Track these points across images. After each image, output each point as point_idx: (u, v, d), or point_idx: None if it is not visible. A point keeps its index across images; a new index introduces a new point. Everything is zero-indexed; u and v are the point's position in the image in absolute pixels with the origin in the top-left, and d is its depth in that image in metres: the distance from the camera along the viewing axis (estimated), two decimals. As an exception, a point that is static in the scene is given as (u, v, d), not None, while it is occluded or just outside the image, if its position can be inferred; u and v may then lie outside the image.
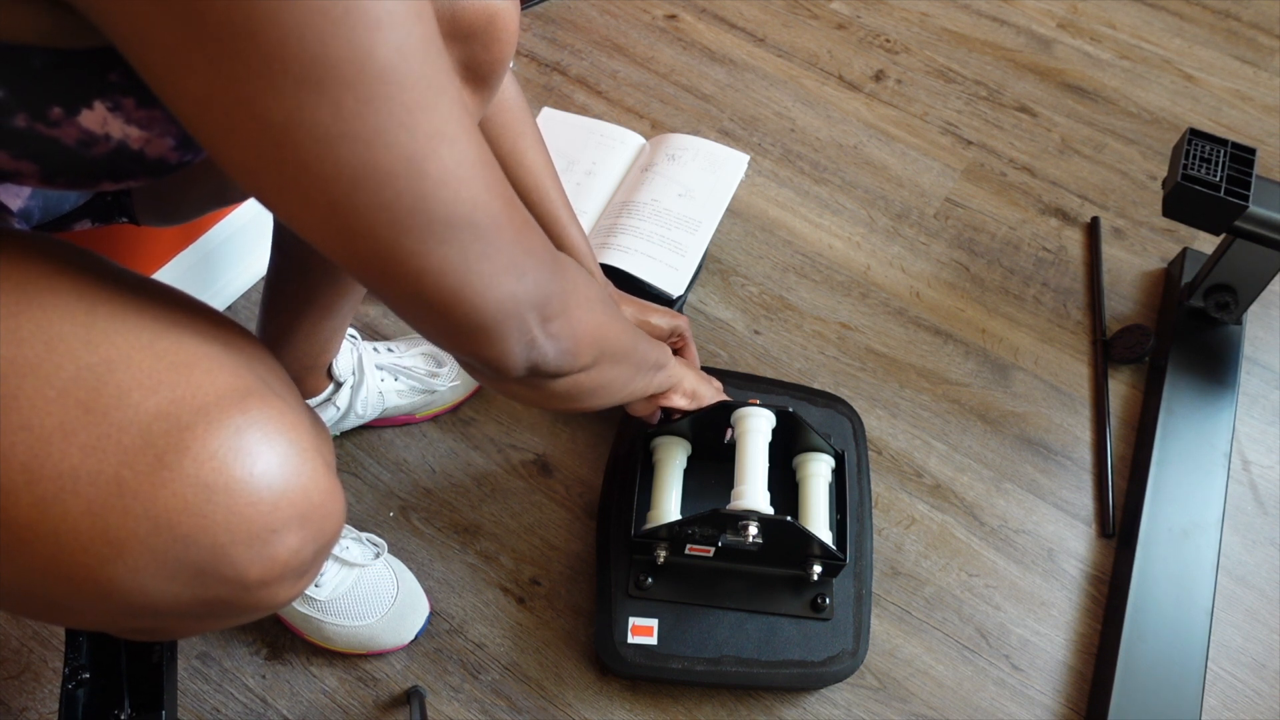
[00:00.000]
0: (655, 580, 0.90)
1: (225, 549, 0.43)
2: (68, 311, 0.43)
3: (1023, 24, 1.47)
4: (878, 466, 1.03)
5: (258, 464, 0.44)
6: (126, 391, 0.42)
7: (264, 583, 0.45)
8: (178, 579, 0.43)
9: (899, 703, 0.90)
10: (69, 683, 0.68)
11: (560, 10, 1.43)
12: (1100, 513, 1.02)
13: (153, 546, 0.42)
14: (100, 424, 0.41)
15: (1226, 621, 0.96)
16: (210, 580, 0.44)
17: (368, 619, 0.87)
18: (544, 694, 0.89)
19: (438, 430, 1.03)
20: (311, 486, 0.46)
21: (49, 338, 0.42)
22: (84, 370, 0.42)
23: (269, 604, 0.47)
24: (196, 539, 0.42)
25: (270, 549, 0.44)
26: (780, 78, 1.38)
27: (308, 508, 0.46)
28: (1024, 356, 1.13)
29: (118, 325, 0.44)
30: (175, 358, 0.44)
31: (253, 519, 0.43)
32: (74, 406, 0.41)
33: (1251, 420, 1.10)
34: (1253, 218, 0.98)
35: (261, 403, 0.45)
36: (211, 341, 0.47)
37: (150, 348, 0.44)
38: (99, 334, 0.43)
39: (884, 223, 1.23)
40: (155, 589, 0.43)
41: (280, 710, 0.87)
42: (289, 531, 0.45)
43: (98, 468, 0.41)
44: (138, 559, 0.42)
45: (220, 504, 0.42)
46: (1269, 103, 1.40)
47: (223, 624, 0.49)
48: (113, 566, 0.41)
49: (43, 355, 0.41)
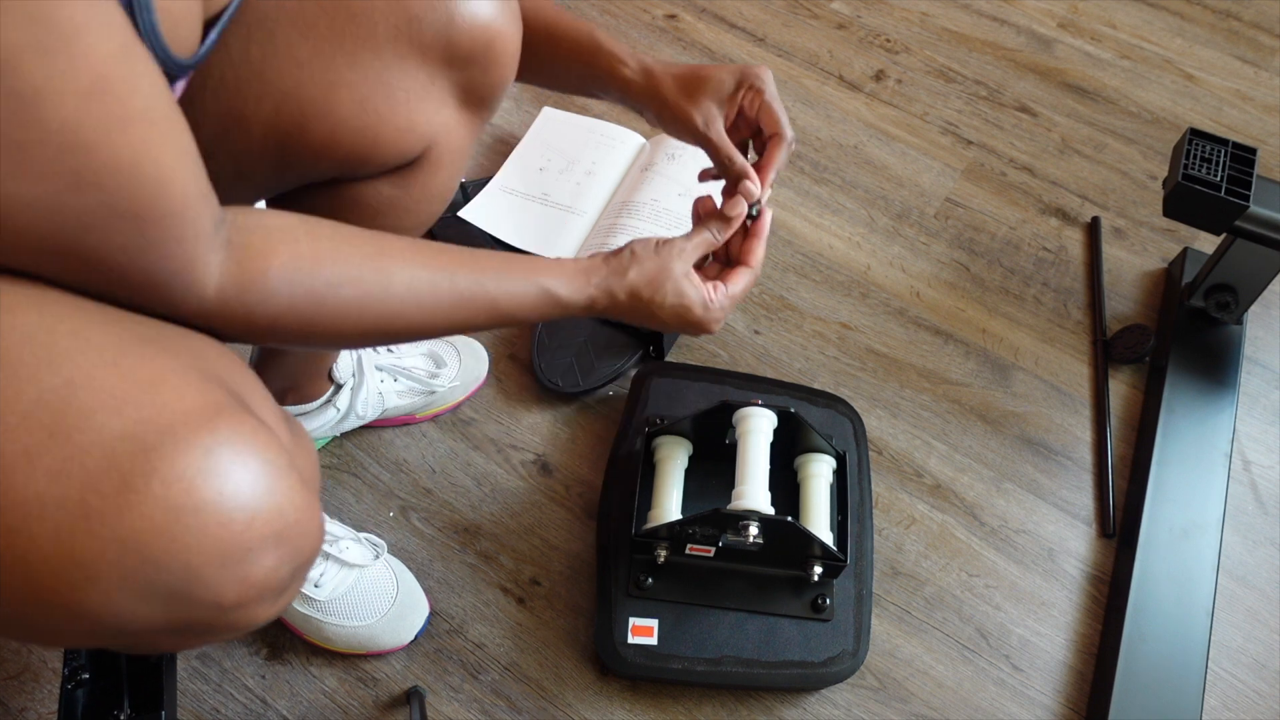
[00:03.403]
0: (655, 580, 0.90)
1: (198, 571, 0.42)
2: (27, 333, 0.42)
3: (1023, 24, 1.47)
4: (878, 466, 1.03)
5: (228, 484, 0.43)
6: (91, 413, 0.41)
7: (240, 604, 0.45)
8: (151, 601, 0.42)
9: (899, 703, 0.90)
10: (68, 683, 0.68)
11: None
12: (1100, 513, 1.02)
13: (123, 570, 0.41)
14: (64, 447, 0.40)
15: (1227, 621, 0.96)
16: (184, 603, 0.43)
17: (367, 619, 0.87)
18: (544, 694, 0.89)
19: (438, 430, 1.03)
20: (286, 505, 0.45)
21: (9, 361, 0.41)
22: (47, 393, 0.41)
23: (247, 624, 0.47)
24: (167, 563, 0.41)
25: (245, 569, 0.44)
26: (780, 78, 1.38)
27: (283, 526, 0.45)
28: (1024, 356, 1.13)
29: (79, 344, 0.43)
30: (141, 375, 0.43)
31: (225, 540, 0.43)
32: (38, 430, 0.40)
33: (1252, 420, 1.10)
34: (1253, 218, 0.98)
35: (232, 420, 0.44)
36: (178, 356, 0.46)
37: (115, 365, 0.43)
38: (60, 354, 0.42)
39: (884, 223, 1.23)
40: (129, 611, 0.42)
41: (280, 710, 0.87)
42: (264, 551, 0.44)
43: (63, 493, 0.40)
44: (109, 583, 0.41)
45: (190, 526, 0.42)
46: (1269, 102, 1.40)
47: (204, 642, 0.49)
48: (84, 591, 0.41)
49: (3, 381, 0.41)
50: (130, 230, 0.45)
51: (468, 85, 0.65)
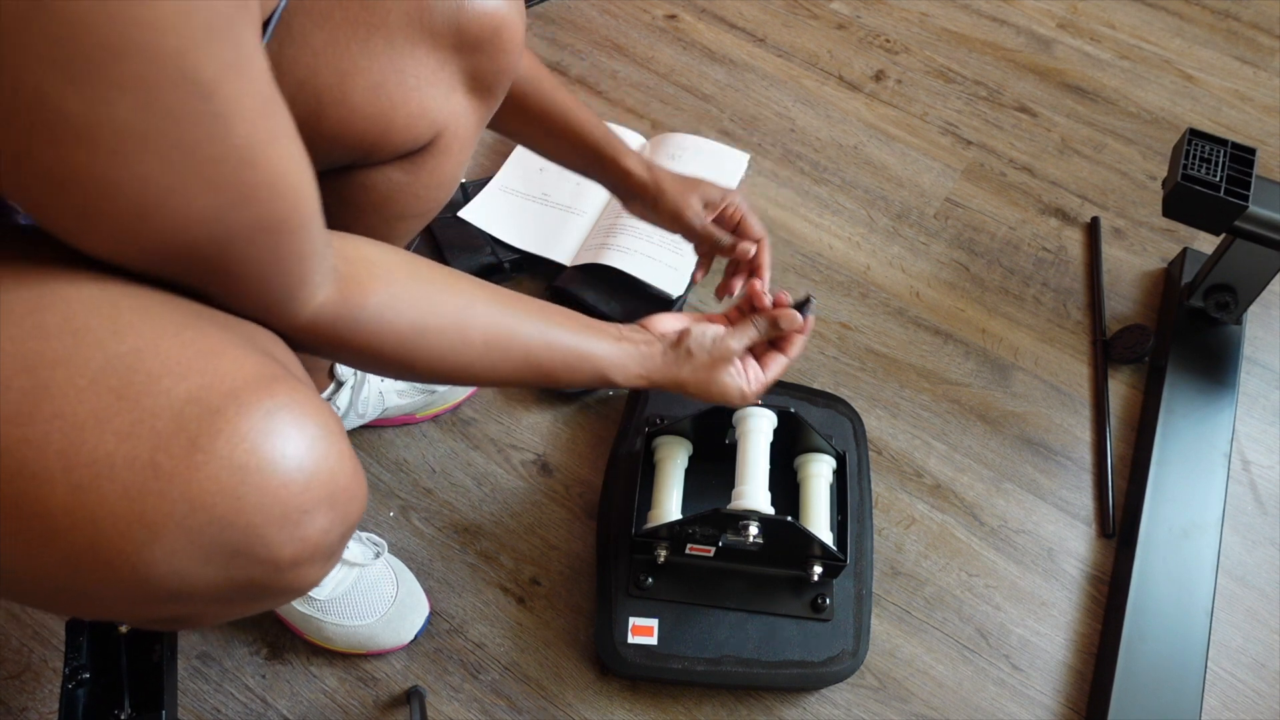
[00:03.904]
0: (655, 580, 0.90)
1: (259, 530, 0.44)
2: (93, 305, 0.44)
3: (1023, 24, 1.47)
4: (878, 466, 1.03)
5: (288, 446, 0.44)
6: (157, 378, 0.43)
7: (295, 563, 0.46)
8: (212, 561, 0.43)
9: (899, 703, 0.90)
10: (69, 682, 0.68)
11: (560, 10, 1.43)
12: (1100, 513, 1.02)
13: (189, 529, 0.42)
14: (133, 410, 0.42)
15: (1226, 621, 0.96)
16: (244, 561, 0.44)
17: (368, 619, 0.87)
18: (544, 694, 0.89)
19: (438, 430, 1.03)
20: (339, 468, 0.47)
21: (75, 330, 0.43)
22: (113, 359, 0.42)
23: (299, 585, 0.48)
24: (232, 520, 0.43)
25: (302, 530, 0.45)
26: (780, 78, 1.38)
27: (335, 489, 0.47)
28: (1024, 356, 1.13)
29: (141, 316, 0.44)
30: (201, 345, 0.45)
31: (285, 500, 0.44)
32: (106, 394, 0.42)
33: (1251, 420, 1.10)
34: (1252, 218, 0.98)
35: (288, 387, 0.46)
36: (232, 330, 0.47)
37: (176, 336, 0.44)
38: (124, 325, 0.43)
39: (884, 223, 1.23)
40: (190, 572, 0.43)
41: (280, 710, 0.87)
42: (319, 512, 0.46)
43: (133, 452, 0.41)
44: (174, 542, 0.42)
45: (254, 485, 0.43)
46: (1269, 103, 1.40)
47: (250, 609, 0.50)
48: (149, 550, 0.42)
49: (71, 347, 0.42)
50: (268, 243, 0.47)
51: (475, 72, 0.67)
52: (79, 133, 0.37)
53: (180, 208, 0.42)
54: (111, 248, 0.44)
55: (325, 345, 0.57)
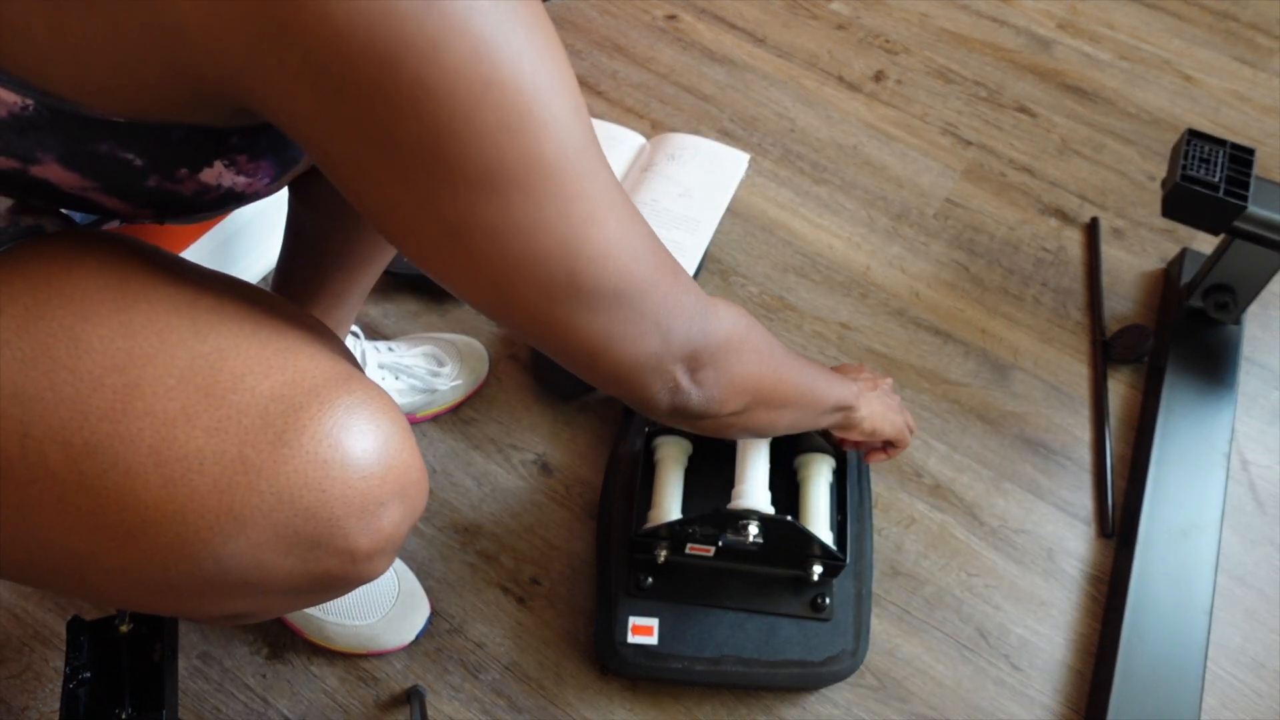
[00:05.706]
0: (655, 580, 0.90)
1: (340, 521, 0.45)
2: (173, 305, 0.45)
3: (1022, 24, 1.47)
4: (877, 466, 1.04)
5: (366, 440, 0.46)
6: (240, 376, 0.44)
7: (370, 554, 0.47)
8: (293, 553, 0.45)
9: (899, 702, 0.90)
10: (70, 682, 0.68)
11: (560, 10, 1.43)
12: (1099, 513, 1.03)
13: (275, 521, 0.44)
14: (221, 407, 0.43)
15: (1226, 621, 0.97)
16: (322, 553, 0.46)
17: (369, 619, 0.87)
18: (544, 693, 0.89)
19: (438, 430, 1.03)
20: (410, 462, 0.48)
21: (160, 329, 0.44)
22: (198, 358, 0.44)
23: (369, 576, 0.50)
24: (316, 512, 0.44)
25: (378, 521, 0.47)
26: (780, 78, 1.38)
27: (407, 482, 0.48)
28: (1023, 356, 1.13)
29: (220, 316, 0.46)
30: (279, 345, 0.46)
31: (364, 493, 0.46)
32: (194, 391, 0.43)
33: (1251, 420, 1.10)
34: (1251, 218, 0.98)
35: (362, 384, 0.47)
36: (303, 329, 0.49)
37: (254, 336, 0.46)
38: (205, 325, 0.45)
39: (884, 223, 1.24)
40: (270, 563, 0.45)
41: (281, 710, 0.87)
42: (392, 504, 0.47)
43: (222, 448, 0.43)
44: (260, 534, 0.43)
45: (337, 479, 0.45)
46: (1268, 103, 1.41)
47: (313, 601, 0.51)
48: (235, 542, 0.43)
49: (157, 346, 0.43)
50: None
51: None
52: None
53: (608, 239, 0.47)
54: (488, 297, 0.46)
55: (686, 415, 0.61)
